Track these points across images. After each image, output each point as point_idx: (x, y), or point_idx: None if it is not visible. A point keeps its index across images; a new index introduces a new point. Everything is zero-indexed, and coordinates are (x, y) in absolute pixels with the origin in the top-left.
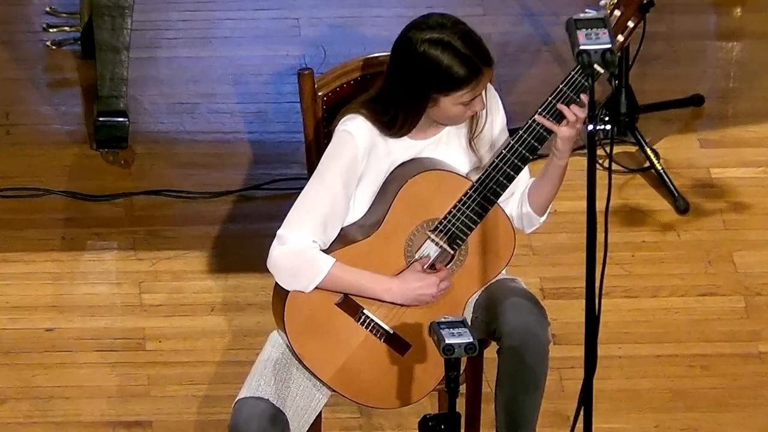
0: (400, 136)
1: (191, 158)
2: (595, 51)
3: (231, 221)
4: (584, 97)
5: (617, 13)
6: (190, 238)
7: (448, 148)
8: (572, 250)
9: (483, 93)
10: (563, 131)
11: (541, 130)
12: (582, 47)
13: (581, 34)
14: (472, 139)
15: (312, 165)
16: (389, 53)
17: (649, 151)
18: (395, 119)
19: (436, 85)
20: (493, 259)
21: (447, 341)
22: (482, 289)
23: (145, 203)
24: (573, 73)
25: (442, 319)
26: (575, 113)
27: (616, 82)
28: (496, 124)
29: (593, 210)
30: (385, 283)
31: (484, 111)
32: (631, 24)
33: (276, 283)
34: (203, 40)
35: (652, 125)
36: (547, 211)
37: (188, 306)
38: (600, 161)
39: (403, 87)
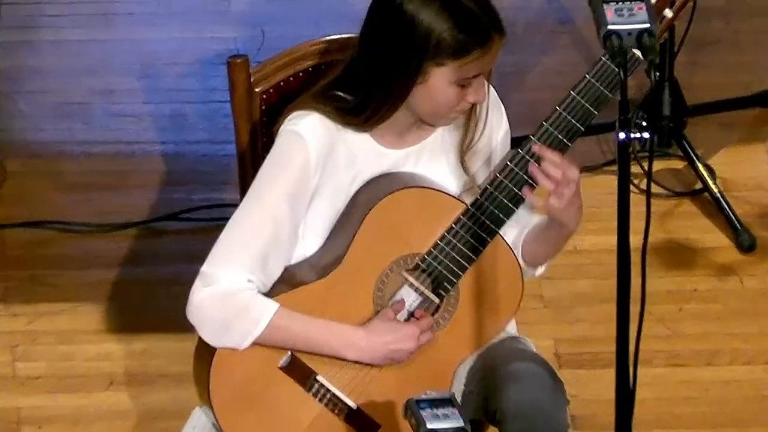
0: (372, 124)
1: (84, 178)
2: (629, 32)
3: (137, 263)
4: (550, 156)
5: None
6: (82, 286)
7: (433, 160)
8: (598, 302)
9: (486, 84)
10: (550, 204)
11: (560, 135)
12: (610, 27)
13: (609, 10)
14: (464, 152)
15: (247, 186)
16: (354, 35)
17: (701, 168)
18: (367, 102)
19: (428, 50)
20: (491, 312)
21: (429, 426)
22: (478, 352)
23: (22, 238)
24: (601, 62)
25: (423, 396)
26: (550, 174)
27: (657, 74)
28: (496, 137)
29: (626, 248)
30: (348, 336)
31: (482, 120)
32: None
33: (199, 339)
34: (100, 18)
35: (705, 133)
36: (545, 266)
37: (79, 378)
38: (635, 181)
39: (382, 55)
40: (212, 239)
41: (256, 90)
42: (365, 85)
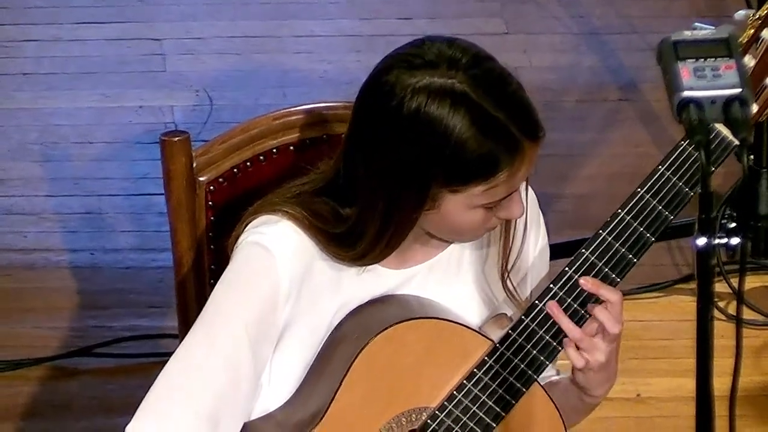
0: (365, 263)
1: None
2: (712, 100)
3: (37, 414)
4: (603, 291)
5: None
6: None
7: (448, 280)
8: None
9: (522, 188)
10: (576, 360)
11: (622, 248)
12: (687, 93)
13: (686, 69)
14: (505, 273)
15: (188, 314)
16: (335, 104)
17: None
18: (358, 234)
19: (436, 172)
20: None
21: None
22: None
23: None
24: (680, 148)
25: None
26: (600, 319)
27: (751, 157)
28: (533, 252)
29: (708, 395)
30: None
31: (522, 222)
32: None
33: None
34: None
35: None
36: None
37: None
38: (721, 304)
39: (374, 174)
40: (141, 383)
41: (201, 179)
42: (353, 212)
